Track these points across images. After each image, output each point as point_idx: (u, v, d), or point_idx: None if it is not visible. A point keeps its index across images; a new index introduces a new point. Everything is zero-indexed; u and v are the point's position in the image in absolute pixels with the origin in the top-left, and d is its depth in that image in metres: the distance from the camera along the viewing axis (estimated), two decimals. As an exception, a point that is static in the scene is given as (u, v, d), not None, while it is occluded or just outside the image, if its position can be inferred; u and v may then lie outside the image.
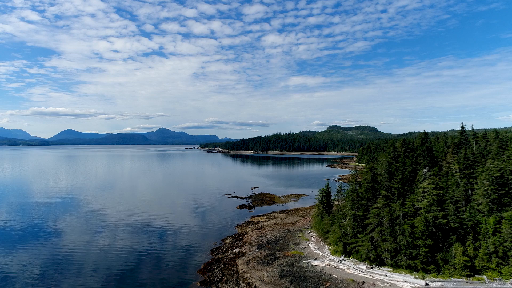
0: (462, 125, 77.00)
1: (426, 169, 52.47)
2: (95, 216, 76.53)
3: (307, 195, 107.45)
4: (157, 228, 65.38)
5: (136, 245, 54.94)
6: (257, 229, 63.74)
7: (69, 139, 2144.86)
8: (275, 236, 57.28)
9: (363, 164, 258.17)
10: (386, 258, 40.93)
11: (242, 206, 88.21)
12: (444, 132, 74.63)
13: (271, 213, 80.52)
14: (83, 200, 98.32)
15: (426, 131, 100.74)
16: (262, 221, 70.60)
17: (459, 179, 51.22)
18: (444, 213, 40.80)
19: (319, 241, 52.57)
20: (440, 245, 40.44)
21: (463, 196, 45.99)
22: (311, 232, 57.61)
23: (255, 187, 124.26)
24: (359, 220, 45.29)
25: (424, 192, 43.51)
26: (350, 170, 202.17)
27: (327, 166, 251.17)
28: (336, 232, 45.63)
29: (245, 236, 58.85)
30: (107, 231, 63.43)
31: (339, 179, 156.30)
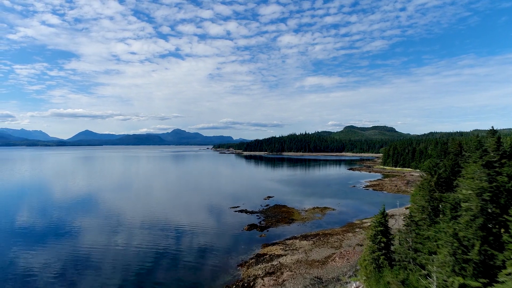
0: None
1: None
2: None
3: (334, 209, 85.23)
4: (130, 265, 45.05)
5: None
6: (270, 273, 42.40)
7: (86, 140, 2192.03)
8: (300, 294, 35.84)
9: (389, 167, 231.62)
10: None
11: (251, 227, 67.02)
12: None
13: (289, 238, 59.03)
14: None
15: (478, 131, 76.92)
16: (278, 256, 49.24)
17: None
18: None
19: (378, 312, 30.78)
20: None
21: None
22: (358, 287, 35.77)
23: (268, 197, 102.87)
24: (468, 293, 23.39)
25: None
26: (380, 174, 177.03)
27: (349, 169, 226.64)
28: (422, 316, 23.83)
29: (252, 289, 37.64)
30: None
31: (367, 186, 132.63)
